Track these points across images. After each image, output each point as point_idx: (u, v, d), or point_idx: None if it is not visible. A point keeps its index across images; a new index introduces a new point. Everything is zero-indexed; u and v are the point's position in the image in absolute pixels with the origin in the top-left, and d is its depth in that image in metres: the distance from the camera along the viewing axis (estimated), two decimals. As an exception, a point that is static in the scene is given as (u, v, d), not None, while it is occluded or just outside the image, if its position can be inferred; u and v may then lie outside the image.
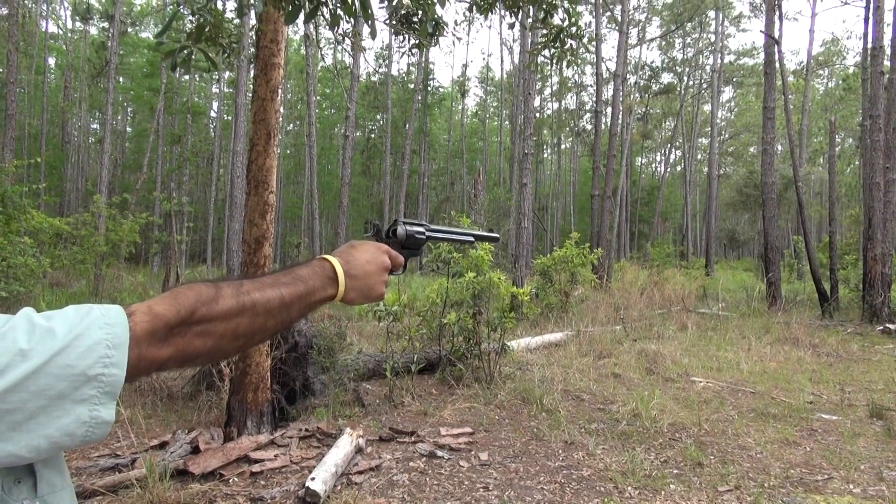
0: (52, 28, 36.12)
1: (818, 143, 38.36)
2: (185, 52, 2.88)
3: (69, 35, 36.48)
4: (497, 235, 1.43)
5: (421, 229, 1.17)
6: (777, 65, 14.43)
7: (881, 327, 10.50)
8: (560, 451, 4.40)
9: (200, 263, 28.97)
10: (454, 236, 1.26)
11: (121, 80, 32.95)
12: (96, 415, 0.66)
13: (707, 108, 38.04)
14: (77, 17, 33.84)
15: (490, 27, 58.94)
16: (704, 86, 35.91)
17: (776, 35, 14.21)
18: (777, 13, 14.99)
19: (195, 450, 4.13)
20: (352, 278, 0.99)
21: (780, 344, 8.89)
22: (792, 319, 10.87)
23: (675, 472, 4.04)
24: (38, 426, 0.63)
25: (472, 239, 1.29)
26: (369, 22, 2.36)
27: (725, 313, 11.89)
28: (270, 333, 0.89)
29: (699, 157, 43.47)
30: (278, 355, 5.14)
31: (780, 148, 30.37)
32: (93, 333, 0.67)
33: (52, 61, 35.11)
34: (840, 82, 38.64)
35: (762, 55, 16.73)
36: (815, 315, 12.18)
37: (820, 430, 5.02)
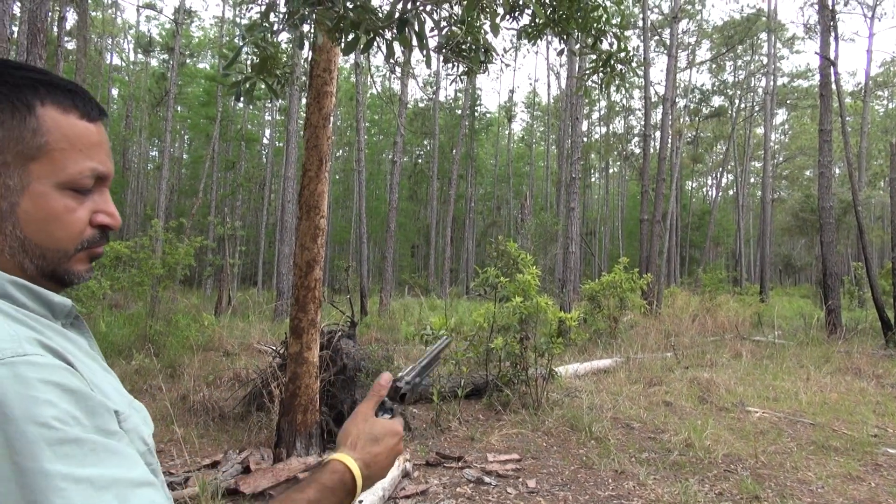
0: (116, 60, 38.05)
1: (878, 167, 37.01)
2: (249, 82, 3.01)
3: (131, 67, 38.30)
4: (448, 339, 1.38)
5: (418, 379, 1.12)
6: (833, 86, 14.04)
7: (950, 358, 9.99)
8: (610, 481, 4.32)
9: (251, 286, 29.62)
10: (428, 360, 1.19)
11: (179, 108, 34.28)
12: None
13: (760, 130, 37.16)
14: (139, 50, 35.49)
15: (537, 53, 59.30)
16: (757, 108, 35.11)
17: (832, 56, 13.87)
18: (833, 34, 14.64)
19: (246, 469, 4.20)
20: (367, 479, 0.93)
21: (841, 374, 8.53)
22: (853, 349, 10.44)
23: (730, 505, 3.91)
24: None
25: (437, 354, 1.23)
26: (424, 52, 2.41)
27: (782, 341, 11.50)
28: None
29: (752, 180, 42.46)
30: (327, 378, 5.21)
31: (837, 171, 29.46)
32: None
33: (115, 92, 36.84)
34: (901, 103, 37.41)
35: (817, 77, 16.31)
36: (879, 344, 11.66)
37: (885, 465, 4.80)
